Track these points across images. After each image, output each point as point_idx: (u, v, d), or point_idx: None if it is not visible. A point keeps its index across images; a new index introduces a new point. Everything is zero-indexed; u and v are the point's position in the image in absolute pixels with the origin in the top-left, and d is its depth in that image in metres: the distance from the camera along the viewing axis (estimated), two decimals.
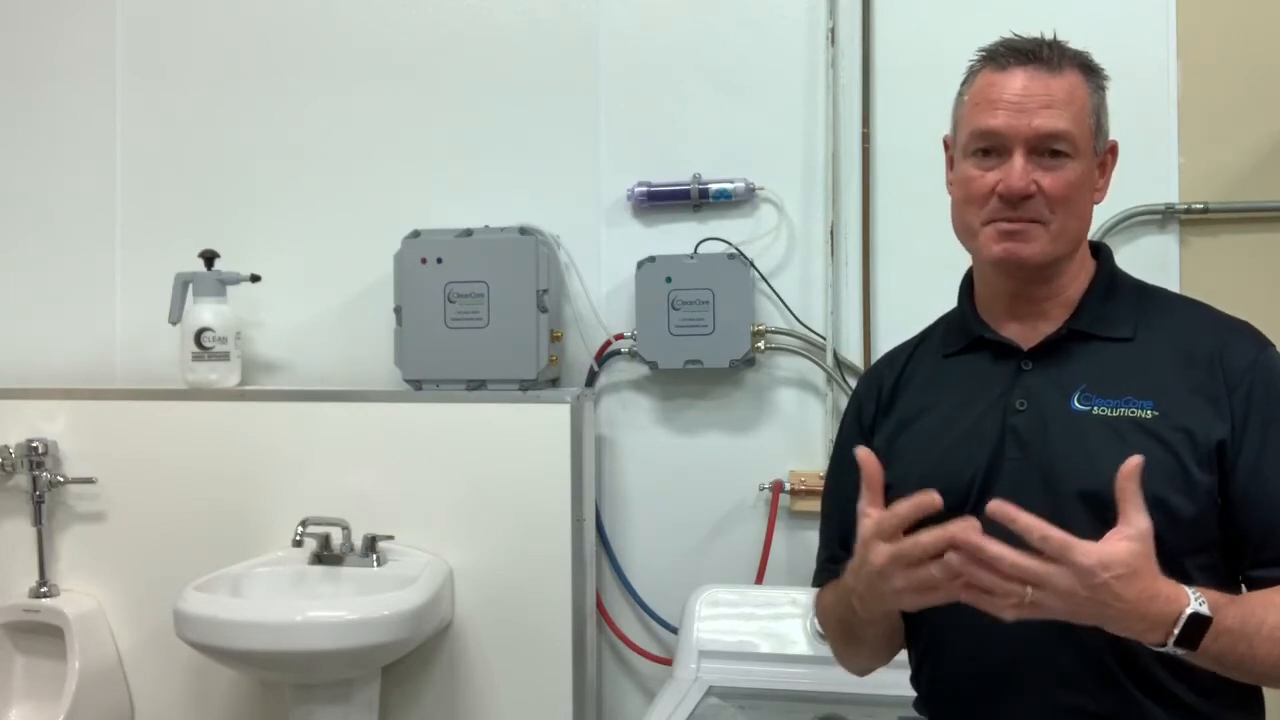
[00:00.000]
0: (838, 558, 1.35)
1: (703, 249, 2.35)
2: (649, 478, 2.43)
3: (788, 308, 2.35)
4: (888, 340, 2.13)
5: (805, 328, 2.35)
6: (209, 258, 2.49)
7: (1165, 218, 2.20)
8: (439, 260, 2.33)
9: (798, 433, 2.36)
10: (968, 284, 1.45)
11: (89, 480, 2.47)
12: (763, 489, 2.34)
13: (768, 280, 2.36)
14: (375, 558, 2.28)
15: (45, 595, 2.46)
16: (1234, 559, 1.28)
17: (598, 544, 2.41)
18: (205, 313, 2.46)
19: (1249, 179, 2.18)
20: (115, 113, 2.68)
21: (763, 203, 2.38)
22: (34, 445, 2.46)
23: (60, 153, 2.71)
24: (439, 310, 2.32)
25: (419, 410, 2.34)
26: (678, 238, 2.39)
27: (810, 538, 2.30)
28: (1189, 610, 1.11)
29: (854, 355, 2.32)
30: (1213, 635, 1.12)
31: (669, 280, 2.32)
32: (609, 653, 2.45)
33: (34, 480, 2.46)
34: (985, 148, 1.31)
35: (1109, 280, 1.38)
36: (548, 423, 2.27)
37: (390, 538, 2.30)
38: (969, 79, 1.36)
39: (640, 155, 2.42)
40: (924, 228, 2.15)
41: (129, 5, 2.68)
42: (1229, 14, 2.19)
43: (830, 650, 1.50)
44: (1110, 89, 1.36)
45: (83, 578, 2.49)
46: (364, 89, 2.56)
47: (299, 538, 2.24)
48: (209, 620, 2.03)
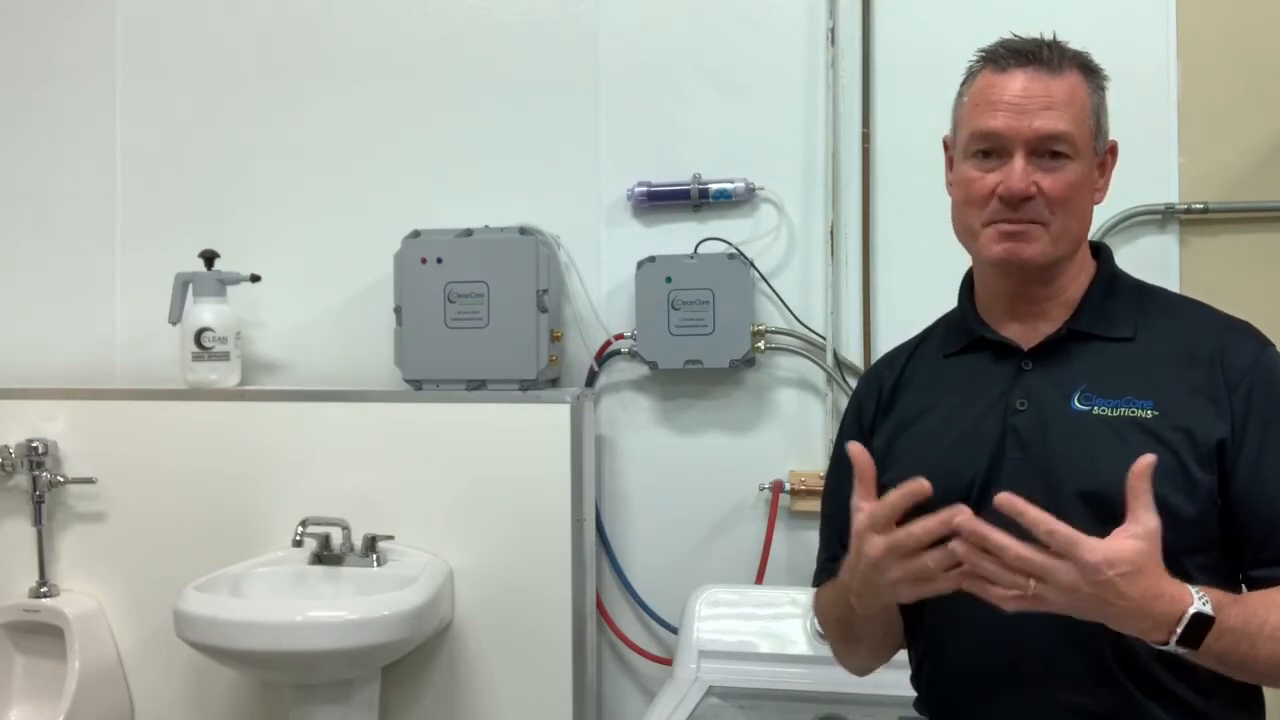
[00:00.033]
0: (838, 557, 1.35)
1: (703, 249, 2.35)
2: (649, 478, 2.43)
3: (788, 308, 2.35)
4: (888, 340, 2.13)
5: (805, 328, 2.35)
6: (209, 258, 2.49)
7: (1165, 218, 2.20)
8: (439, 260, 2.33)
9: (798, 433, 2.36)
10: (968, 284, 1.45)
11: (89, 480, 2.47)
12: (763, 489, 2.34)
13: (768, 280, 2.36)
14: (375, 558, 2.28)
15: (45, 595, 2.46)
16: (1234, 559, 1.28)
17: (598, 544, 2.41)
18: (205, 313, 2.46)
19: (1249, 179, 2.18)
20: (115, 113, 2.68)
21: (763, 203, 2.38)
22: (34, 445, 2.46)
23: (60, 153, 2.71)
24: (439, 310, 2.32)
25: (419, 410, 2.34)
26: (678, 238, 2.39)
27: (810, 538, 2.30)
28: (1192, 610, 1.11)
29: (854, 355, 2.32)
30: (1215, 635, 1.12)
31: (669, 280, 2.32)
32: (609, 653, 2.45)
33: (34, 480, 2.46)
34: (985, 149, 1.31)
35: (1109, 280, 1.39)
36: (548, 423, 2.27)
37: (390, 538, 2.30)
38: (968, 80, 1.36)
39: (640, 155, 2.42)
40: (924, 228, 2.15)
41: (129, 5, 2.68)
42: (1229, 14, 2.19)
43: (830, 650, 1.51)
44: (1110, 89, 1.36)
45: (83, 578, 2.49)
46: (364, 89, 2.56)
47: (299, 538, 2.24)
48: (209, 620, 2.03)
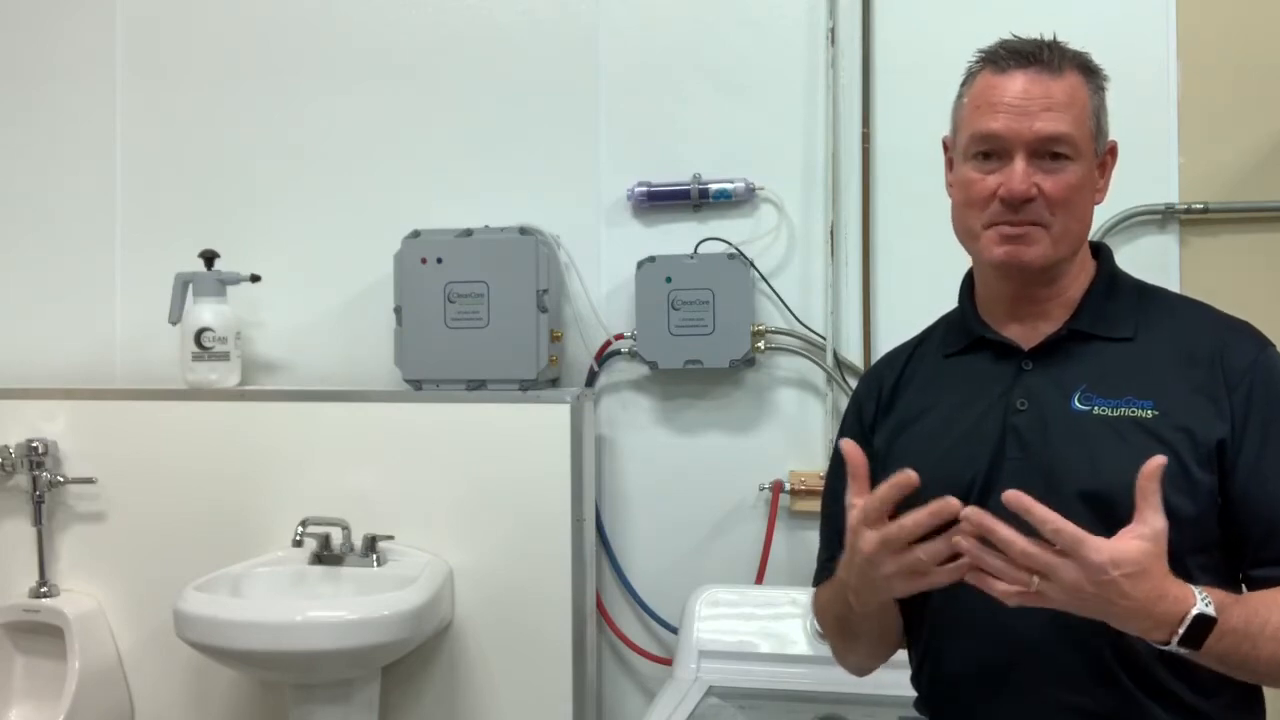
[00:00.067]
0: (838, 556, 1.35)
1: (703, 249, 2.35)
2: (649, 478, 2.43)
3: (788, 308, 2.35)
4: (888, 340, 2.13)
5: (805, 328, 2.35)
6: (209, 258, 2.49)
7: (1165, 218, 2.20)
8: (439, 260, 2.33)
9: (798, 433, 2.36)
10: (968, 284, 1.45)
11: (89, 480, 2.47)
12: (763, 489, 2.34)
13: (768, 280, 2.36)
14: (375, 558, 2.28)
15: (45, 595, 2.46)
16: (1234, 558, 1.28)
17: (598, 544, 2.41)
18: (205, 313, 2.46)
19: (1249, 179, 2.18)
20: (115, 113, 2.68)
21: (763, 203, 2.38)
22: (34, 445, 2.46)
23: (60, 153, 2.71)
24: (439, 310, 2.32)
25: (419, 410, 2.34)
26: (678, 238, 2.39)
27: (810, 538, 2.30)
28: (1195, 611, 1.11)
29: (854, 355, 2.32)
30: (1217, 635, 1.12)
31: (669, 280, 2.32)
32: (609, 653, 2.45)
33: (34, 480, 2.46)
34: (986, 151, 1.31)
35: (1109, 280, 1.38)
36: (548, 423, 2.27)
37: (390, 538, 2.30)
38: (968, 81, 1.36)
39: (640, 155, 2.42)
40: (924, 228, 2.15)
41: (129, 5, 2.68)
42: (1229, 14, 2.19)
43: (829, 650, 1.50)
44: (1110, 89, 1.36)
45: (83, 578, 2.49)
46: (364, 89, 2.56)
47: (299, 538, 2.24)
48: (209, 620, 2.03)
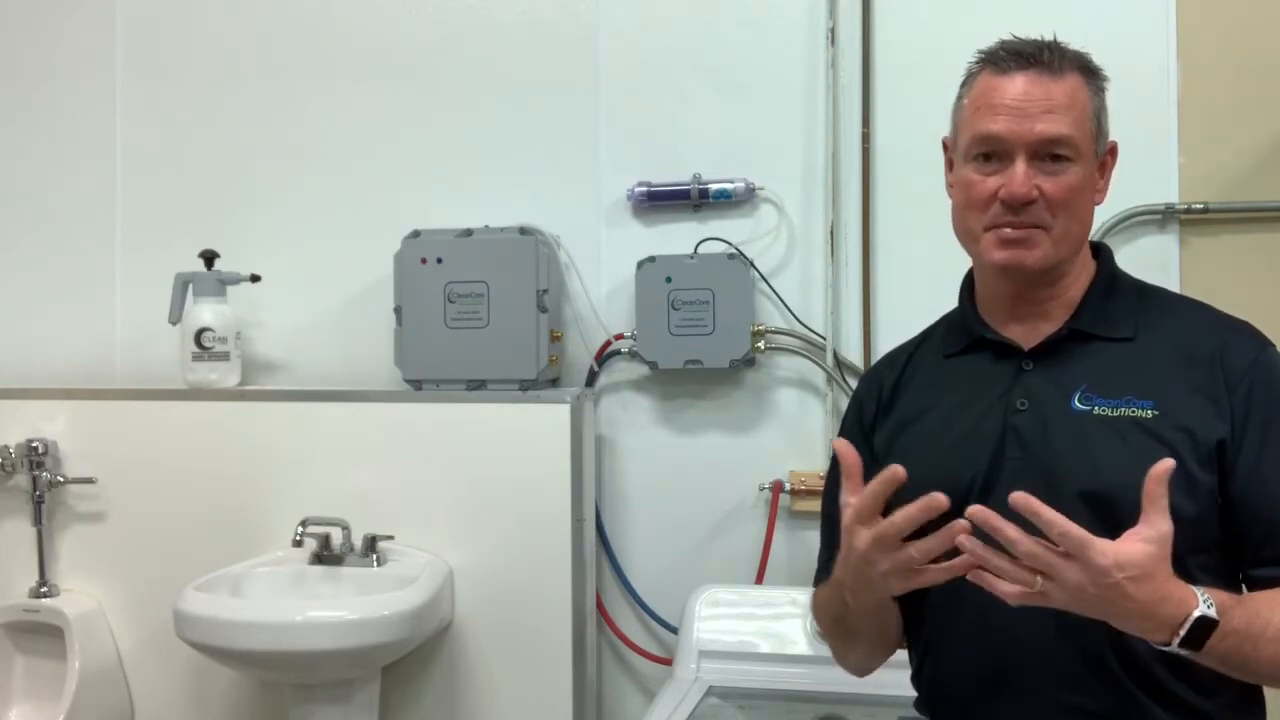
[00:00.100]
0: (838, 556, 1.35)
1: (703, 249, 2.35)
2: (649, 478, 2.43)
3: (788, 308, 2.35)
4: (888, 340, 2.13)
5: (805, 328, 2.35)
6: (209, 258, 2.49)
7: (1165, 218, 2.20)
8: (439, 260, 2.33)
9: (798, 433, 2.36)
10: (968, 284, 1.45)
11: (89, 480, 2.47)
12: (763, 489, 2.34)
13: (768, 280, 2.36)
14: (375, 558, 2.28)
15: (45, 595, 2.46)
16: (1234, 558, 1.28)
17: (598, 544, 2.41)
18: (205, 313, 2.46)
19: (1249, 179, 2.18)
20: (115, 113, 2.68)
21: (763, 203, 2.38)
22: (34, 445, 2.46)
23: (60, 153, 2.71)
24: (439, 310, 2.32)
25: (419, 410, 2.34)
26: (678, 238, 2.39)
27: (810, 538, 2.31)
28: (1197, 613, 1.11)
29: (854, 355, 2.32)
30: (1218, 637, 1.12)
31: (669, 280, 2.32)
32: (609, 653, 2.45)
33: (34, 480, 2.46)
34: (986, 152, 1.31)
35: (1109, 280, 1.38)
36: (548, 423, 2.27)
37: (390, 538, 2.30)
38: (968, 82, 1.36)
39: (640, 155, 2.42)
40: (924, 228, 2.15)
41: (129, 5, 2.68)
42: (1229, 14, 2.19)
43: (829, 650, 1.50)
44: (1110, 89, 1.36)
45: (83, 578, 2.49)
46: (364, 89, 2.56)
47: (299, 538, 2.24)
48: (209, 620, 2.03)
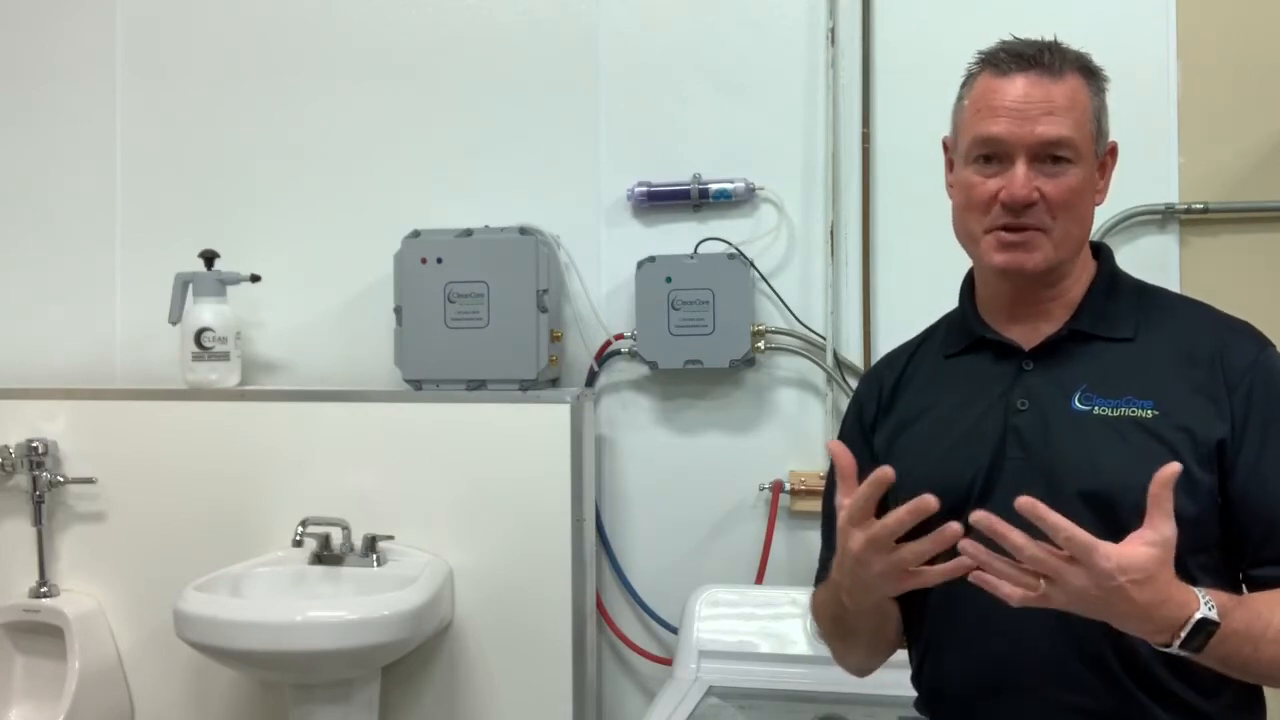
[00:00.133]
0: None
1: (703, 249, 2.35)
2: (649, 478, 2.43)
3: (788, 308, 2.35)
4: (888, 340, 2.13)
5: (805, 328, 2.35)
6: (209, 258, 2.49)
7: (1165, 218, 2.20)
8: (439, 260, 2.33)
9: (798, 433, 2.36)
10: (969, 284, 1.45)
11: (89, 480, 2.47)
12: (763, 489, 2.34)
13: (768, 280, 2.36)
14: (375, 558, 2.28)
15: (45, 595, 2.46)
16: (1234, 558, 1.28)
17: (598, 544, 2.40)
18: (205, 313, 2.46)
19: (1249, 179, 2.18)
20: (115, 113, 2.68)
21: (763, 203, 2.38)
22: (34, 445, 2.46)
23: (60, 153, 2.71)
24: (439, 310, 2.32)
25: (419, 410, 2.34)
26: (678, 238, 2.39)
27: (810, 538, 2.32)
28: (1198, 615, 1.11)
29: (854, 355, 2.32)
30: (1219, 639, 1.12)
31: (669, 280, 2.32)
32: (609, 653, 2.45)
33: (34, 480, 2.46)
34: (987, 154, 1.30)
35: (1110, 281, 1.38)
36: (548, 423, 2.27)
37: (390, 538, 2.30)
38: (968, 83, 1.35)
39: (640, 155, 2.42)
40: (924, 228, 2.15)
41: (129, 5, 2.68)
42: (1229, 14, 2.19)
43: (829, 650, 1.50)
44: (1110, 89, 1.36)
45: (83, 578, 2.49)
46: (364, 89, 2.56)
47: (299, 538, 2.24)
48: (209, 620, 2.03)
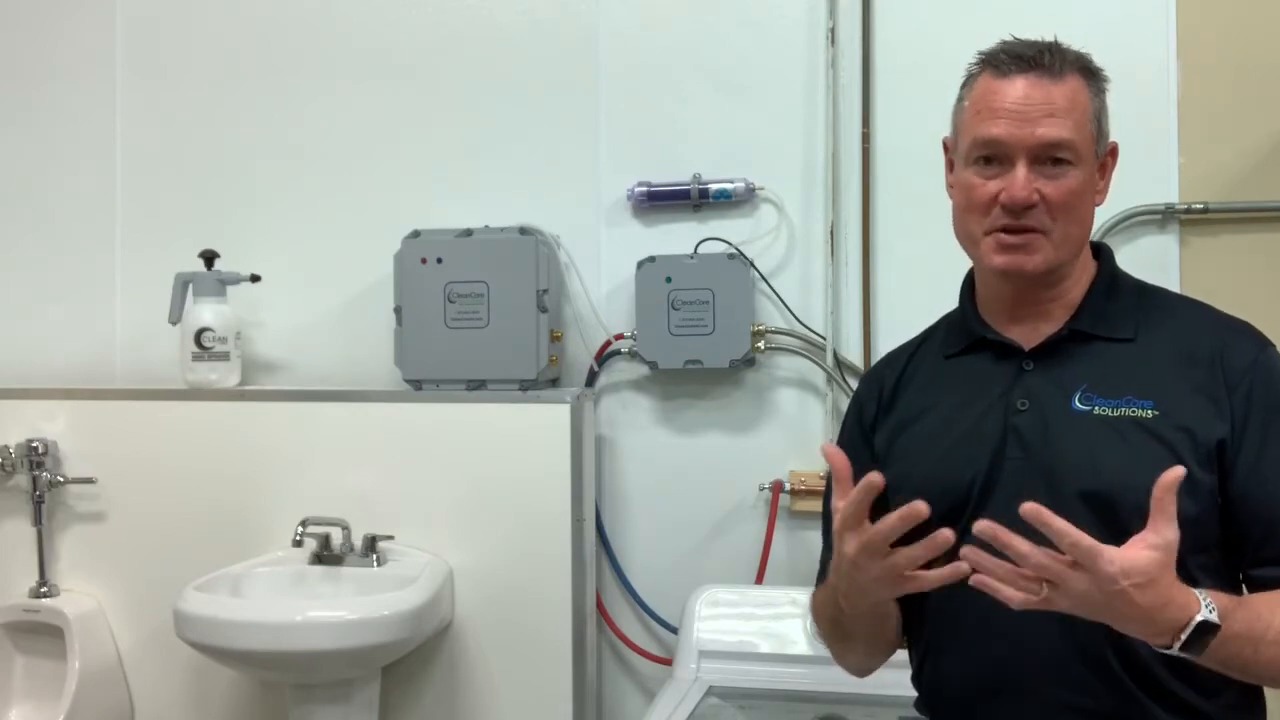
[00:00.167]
0: None
1: (703, 249, 2.35)
2: (649, 478, 2.43)
3: (788, 308, 2.35)
4: (888, 340, 2.13)
5: (805, 328, 2.35)
6: (209, 258, 2.49)
7: (1165, 218, 2.20)
8: (439, 260, 2.33)
9: (798, 433, 2.36)
10: (969, 284, 1.45)
11: (89, 480, 2.47)
12: (763, 489, 2.34)
13: (768, 280, 2.36)
14: (375, 558, 2.28)
15: (45, 595, 2.46)
16: (1234, 558, 1.28)
17: (598, 544, 2.40)
18: (205, 313, 2.46)
19: (1249, 179, 2.18)
20: (115, 113, 2.68)
21: (763, 203, 2.38)
22: (34, 445, 2.46)
23: (60, 153, 2.71)
24: (439, 310, 2.32)
25: (419, 410, 2.34)
26: (678, 238, 2.39)
27: (810, 538, 2.32)
28: (1199, 618, 1.11)
29: (854, 355, 2.32)
30: (1219, 641, 1.12)
31: (669, 280, 2.32)
32: (609, 653, 2.45)
33: (34, 480, 2.46)
34: (987, 156, 1.30)
35: (1110, 281, 1.38)
36: (548, 423, 2.27)
37: (390, 538, 2.30)
38: (969, 84, 1.35)
39: (640, 155, 2.42)
40: (924, 228, 2.15)
41: (129, 5, 2.68)
42: (1229, 14, 2.19)
43: (829, 651, 1.50)
44: (1110, 89, 1.36)
45: (83, 578, 2.49)
46: (364, 89, 2.56)
47: (299, 538, 2.24)
48: (209, 620, 2.03)
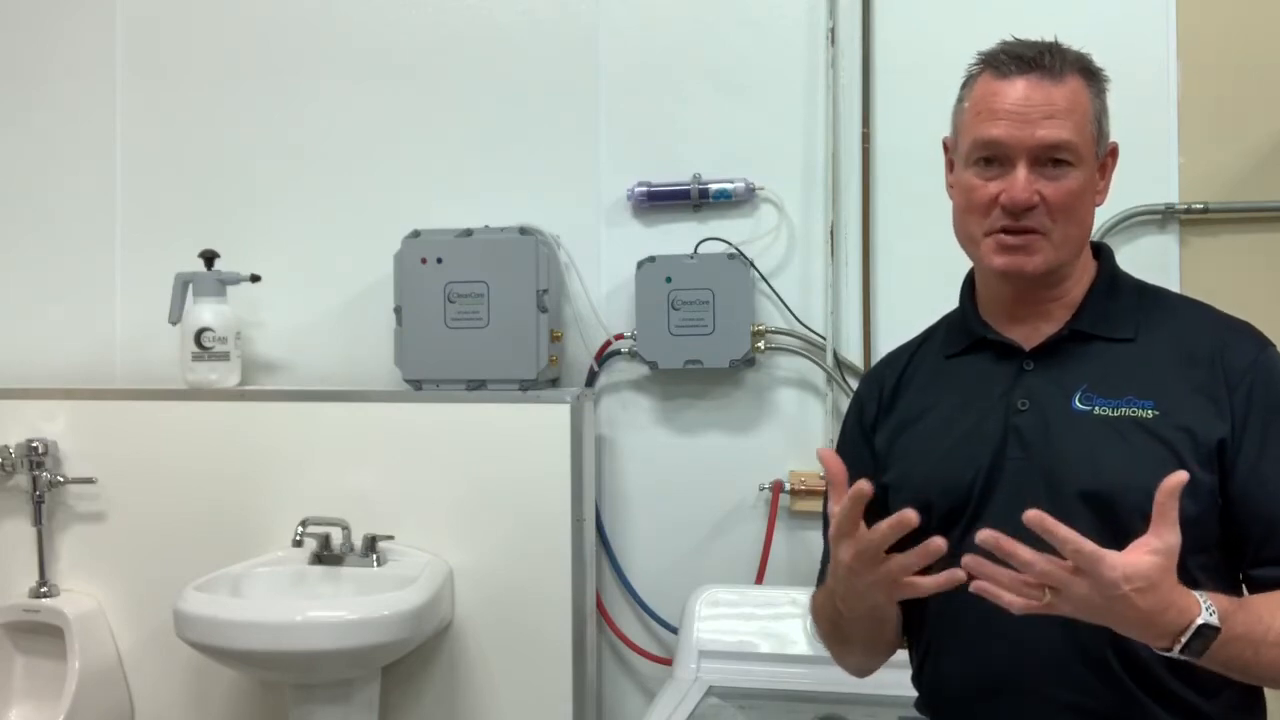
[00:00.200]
0: None
1: (703, 249, 2.35)
2: (649, 478, 2.43)
3: (788, 308, 2.35)
4: (888, 340, 2.13)
5: (805, 328, 2.35)
6: (209, 258, 2.49)
7: (1165, 218, 2.20)
8: (439, 260, 2.33)
9: (798, 433, 2.36)
10: (969, 284, 1.45)
11: (89, 480, 2.47)
12: (763, 489, 2.34)
13: (768, 280, 2.36)
14: (375, 558, 2.28)
15: (45, 595, 2.46)
16: (1234, 558, 1.28)
17: (598, 544, 2.40)
18: (205, 313, 2.46)
19: (1249, 179, 2.18)
20: (115, 113, 2.68)
21: (763, 203, 2.38)
22: (34, 445, 2.46)
23: (60, 153, 2.70)
24: (439, 310, 2.32)
25: (419, 410, 2.34)
26: (678, 238, 2.39)
27: (810, 538, 2.32)
28: (1199, 621, 1.11)
29: (854, 355, 2.32)
30: (1220, 643, 1.12)
31: (669, 280, 2.32)
32: (609, 653, 2.45)
33: (34, 480, 2.45)
34: (987, 157, 1.30)
35: (1110, 281, 1.38)
36: (548, 423, 2.27)
37: (390, 538, 2.30)
38: (969, 84, 1.35)
39: (640, 155, 2.42)
40: (924, 228, 2.15)
41: (129, 5, 2.68)
42: (1229, 14, 2.19)
43: (828, 651, 1.51)
44: (1110, 89, 1.35)
45: (83, 578, 2.49)
46: (364, 89, 2.56)
47: (299, 538, 2.24)
48: (209, 620, 2.03)
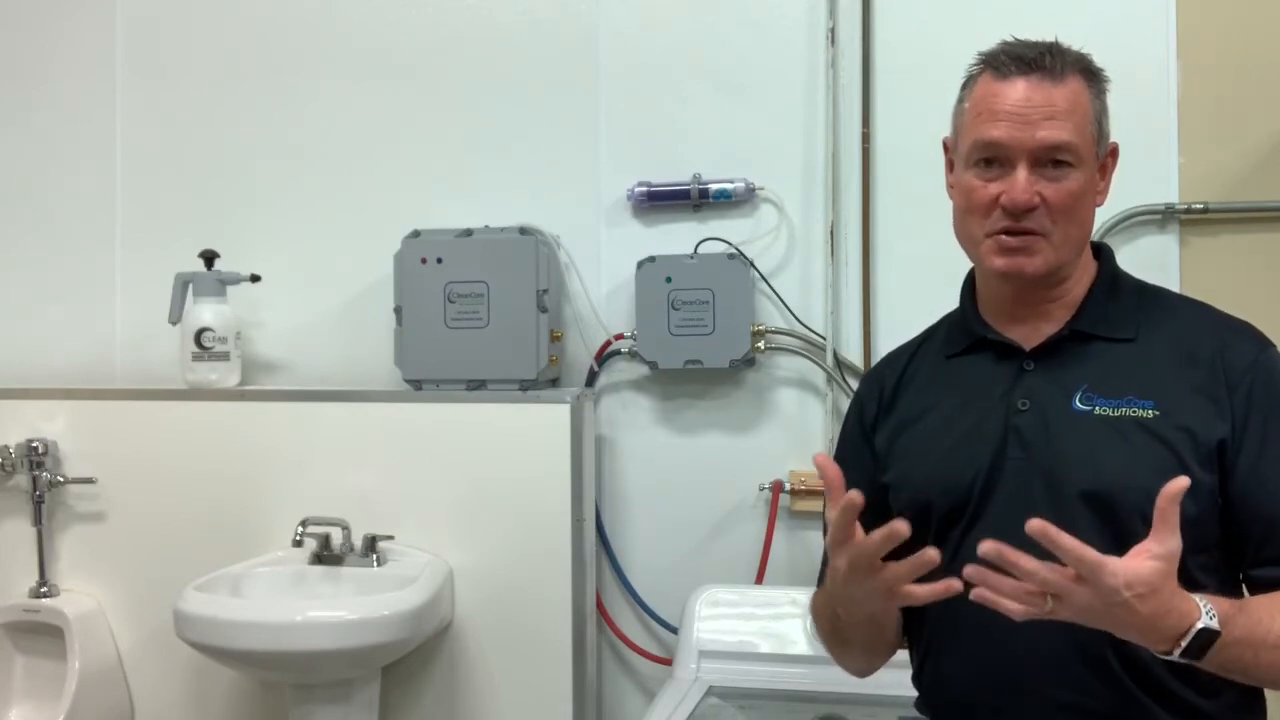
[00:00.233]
0: None
1: (703, 249, 2.35)
2: (649, 478, 2.43)
3: (788, 308, 2.35)
4: (888, 340, 2.14)
5: (805, 328, 2.35)
6: (209, 258, 2.49)
7: (1165, 218, 2.20)
8: (439, 260, 2.33)
9: (798, 433, 2.36)
10: (969, 284, 1.45)
11: (89, 480, 2.47)
12: (763, 489, 2.34)
13: (768, 280, 2.36)
14: (375, 558, 2.28)
15: (45, 595, 2.46)
16: (1234, 558, 1.28)
17: (598, 544, 2.40)
18: (205, 313, 2.46)
19: (1249, 179, 2.18)
20: (115, 113, 2.68)
21: (763, 203, 2.38)
22: (34, 445, 2.46)
23: (60, 153, 2.70)
24: (439, 310, 2.32)
25: (419, 410, 2.34)
26: (678, 238, 2.39)
27: (810, 538, 2.32)
28: (1199, 625, 1.11)
29: (854, 355, 2.32)
30: (1220, 646, 1.12)
31: (669, 280, 2.32)
32: (609, 653, 2.45)
33: (34, 480, 2.45)
34: (988, 158, 1.30)
35: (1111, 281, 1.38)
36: (548, 423, 2.27)
37: (390, 538, 2.30)
38: (969, 85, 1.35)
39: (640, 155, 2.42)
40: (924, 228, 2.15)
41: (129, 5, 2.68)
42: (1229, 14, 2.19)
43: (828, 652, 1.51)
44: (1110, 89, 1.35)
45: (83, 578, 2.49)
46: (364, 89, 2.56)
47: (299, 538, 2.24)
48: (209, 620, 2.04)
